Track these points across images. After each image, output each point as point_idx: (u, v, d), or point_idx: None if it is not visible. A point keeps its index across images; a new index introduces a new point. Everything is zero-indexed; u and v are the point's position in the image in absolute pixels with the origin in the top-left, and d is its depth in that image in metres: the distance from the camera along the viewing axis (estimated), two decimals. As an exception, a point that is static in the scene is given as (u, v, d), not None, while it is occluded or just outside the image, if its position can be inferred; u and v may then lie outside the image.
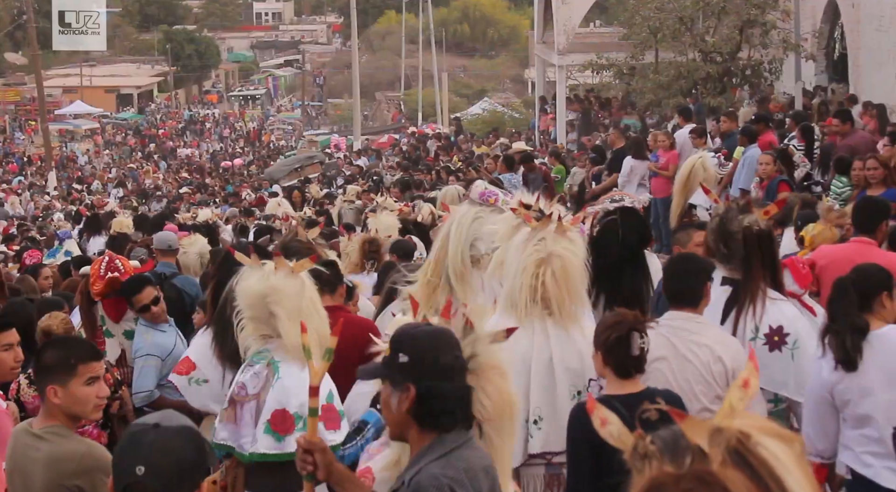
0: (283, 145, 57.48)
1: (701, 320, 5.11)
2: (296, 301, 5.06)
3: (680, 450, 1.56)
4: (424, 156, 31.17)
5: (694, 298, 5.09)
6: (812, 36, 21.21)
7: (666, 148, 15.27)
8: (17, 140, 58.51)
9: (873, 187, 10.18)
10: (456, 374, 3.19)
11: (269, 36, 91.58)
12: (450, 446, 3.16)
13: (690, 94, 20.91)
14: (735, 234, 5.44)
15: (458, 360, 3.21)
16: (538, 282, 5.07)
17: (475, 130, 38.40)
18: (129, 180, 42.54)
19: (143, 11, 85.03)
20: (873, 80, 18.78)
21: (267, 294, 5.03)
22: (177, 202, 31.28)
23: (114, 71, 72.82)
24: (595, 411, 1.86)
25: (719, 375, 4.99)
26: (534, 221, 5.28)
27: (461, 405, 3.19)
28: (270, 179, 36.54)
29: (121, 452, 2.95)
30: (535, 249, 5.13)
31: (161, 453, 2.86)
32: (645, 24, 22.31)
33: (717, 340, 5.08)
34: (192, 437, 2.97)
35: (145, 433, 2.92)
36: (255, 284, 5.08)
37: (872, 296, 5.21)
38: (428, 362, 3.17)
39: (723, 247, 5.50)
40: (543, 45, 30.49)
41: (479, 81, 69.92)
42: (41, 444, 3.91)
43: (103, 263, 7.10)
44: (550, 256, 5.10)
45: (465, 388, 3.21)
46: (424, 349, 3.19)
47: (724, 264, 5.52)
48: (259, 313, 5.09)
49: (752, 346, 5.36)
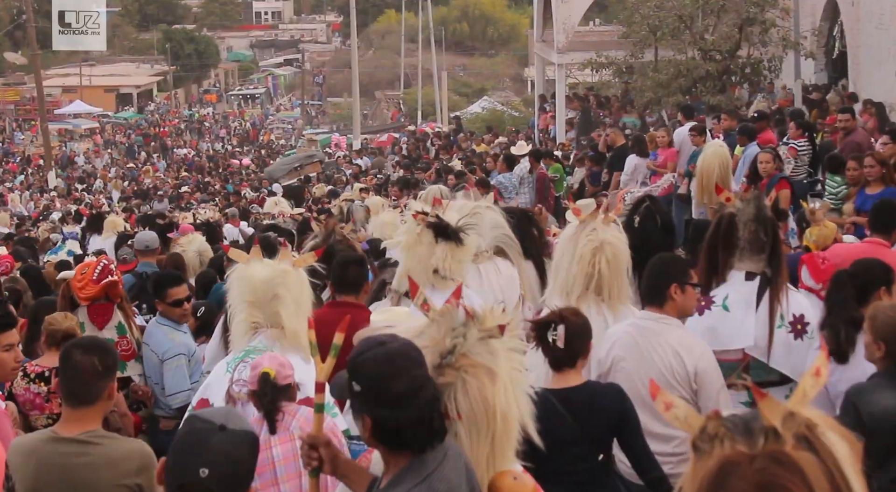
0: (282, 144, 57.49)
1: (669, 321, 5.13)
2: (302, 290, 5.16)
3: (754, 430, 1.58)
4: (424, 154, 31.18)
5: (659, 298, 5.12)
6: (811, 34, 21.21)
7: (665, 146, 15.29)
8: (17, 140, 58.49)
9: (871, 186, 10.20)
10: (411, 399, 3.00)
11: (269, 35, 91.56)
12: (431, 467, 3.03)
13: (690, 92, 20.89)
14: (770, 219, 5.47)
15: (415, 382, 3.02)
16: (595, 270, 5.48)
17: (475, 128, 38.40)
18: (129, 180, 42.54)
19: (142, 11, 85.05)
20: (873, 78, 18.78)
21: (275, 277, 5.10)
22: (177, 201, 31.30)
23: (113, 70, 72.80)
24: (658, 396, 1.84)
25: (680, 375, 5.03)
26: (582, 214, 5.70)
27: (421, 428, 3.02)
28: (270, 178, 36.56)
29: (185, 449, 2.89)
30: (589, 239, 5.54)
31: (226, 457, 2.84)
32: (644, 22, 22.28)
33: (680, 341, 5.10)
34: (254, 443, 2.97)
35: (212, 434, 2.87)
36: (262, 269, 5.15)
37: (870, 290, 5.25)
38: (379, 392, 3.01)
39: (763, 234, 5.49)
40: (543, 44, 30.49)
41: (479, 80, 69.92)
42: (88, 448, 3.87)
43: (98, 267, 6.88)
44: (603, 244, 5.53)
45: (424, 409, 3.01)
46: (375, 378, 3.01)
47: (756, 255, 5.52)
48: (261, 297, 5.12)
49: (778, 333, 5.42)
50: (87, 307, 6.84)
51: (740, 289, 5.54)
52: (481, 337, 3.29)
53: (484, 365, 3.24)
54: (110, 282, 6.81)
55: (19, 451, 3.98)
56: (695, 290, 5.23)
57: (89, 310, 6.84)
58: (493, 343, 3.32)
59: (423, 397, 3.03)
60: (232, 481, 2.87)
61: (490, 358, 3.26)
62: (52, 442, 3.92)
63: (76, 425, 3.93)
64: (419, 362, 3.11)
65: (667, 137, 15.39)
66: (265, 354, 4.82)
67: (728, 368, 5.57)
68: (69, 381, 3.94)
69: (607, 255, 5.54)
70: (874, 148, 11.98)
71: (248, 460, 2.93)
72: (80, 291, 6.82)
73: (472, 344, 3.26)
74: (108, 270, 6.85)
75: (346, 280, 6.11)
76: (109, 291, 6.82)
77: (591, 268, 5.50)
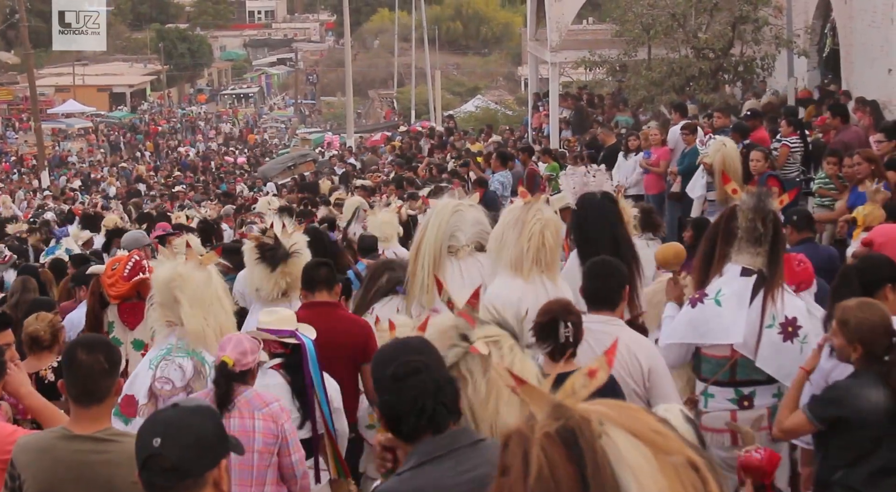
0: (275, 143, 57.42)
1: (618, 323, 5.24)
2: (205, 288, 5.44)
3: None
4: (418, 154, 31.17)
5: (612, 301, 5.24)
6: (804, 32, 21.22)
7: (657, 144, 15.31)
8: (9, 139, 58.35)
9: (863, 183, 10.24)
10: (403, 381, 3.13)
11: (262, 34, 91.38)
12: (420, 459, 3.11)
13: (683, 90, 20.91)
14: (771, 212, 5.51)
15: (408, 365, 3.14)
16: (543, 245, 5.96)
17: (469, 127, 38.39)
18: (122, 179, 42.49)
19: (135, 10, 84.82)
20: (865, 76, 18.81)
21: (172, 279, 5.41)
22: (171, 201, 31.25)
23: (106, 70, 72.61)
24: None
25: (636, 373, 5.12)
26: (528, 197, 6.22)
27: (420, 412, 3.11)
28: (264, 177, 36.54)
29: (141, 429, 2.99)
30: (537, 218, 6.02)
31: (178, 426, 2.90)
32: (637, 20, 22.30)
33: (633, 339, 5.21)
34: (209, 414, 3.03)
35: (163, 411, 3.02)
36: (162, 271, 5.48)
37: (876, 286, 5.29)
38: (378, 379, 3.23)
39: (760, 225, 5.52)
40: (536, 43, 30.50)
41: (472, 79, 69.85)
42: (106, 446, 3.88)
43: (129, 263, 6.46)
44: (548, 221, 6.05)
45: (417, 396, 3.11)
46: (376, 368, 3.25)
47: (753, 247, 5.55)
48: (165, 299, 5.42)
49: (768, 333, 5.47)
50: (118, 306, 6.49)
51: (734, 285, 5.56)
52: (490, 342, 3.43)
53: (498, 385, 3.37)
54: (142, 279, 6.37)
55: (30, 449, 3.99)
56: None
57: (119, 309, 6.50)
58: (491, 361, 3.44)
59: (413, 383, 3.11)
60: (190, 449, 2.88)
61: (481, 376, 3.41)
62: (68, 440, 3.93)
63: (89, 423, 3.94)
64: (419, 350, 3.21)
65: (659, 136, 15.41)
66: (232, 335, 5.12)
67: (716, 364, 5.64)
68: (78, 381, 3.94)
69: (551, 231, 6.07)
70: (869, 145, 12.01)
71: (208, 428, 2.95)
72: (109, 289, 6.45)
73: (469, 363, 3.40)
74: (139, 267, 6.44)
75: (317, 279, 6.32)
76: (141, 289, 6.39)
77: (540, 243, 5.97)
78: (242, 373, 4.97)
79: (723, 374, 5.60)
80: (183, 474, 2.87)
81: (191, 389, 5.24)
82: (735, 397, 5.62)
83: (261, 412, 4.95)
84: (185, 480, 2.88)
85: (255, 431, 4.92)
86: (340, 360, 5.88)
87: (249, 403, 4.95)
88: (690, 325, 5.62)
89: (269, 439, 4.96)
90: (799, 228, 8.54)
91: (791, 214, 8.90)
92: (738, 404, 5.63)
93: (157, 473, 2.87)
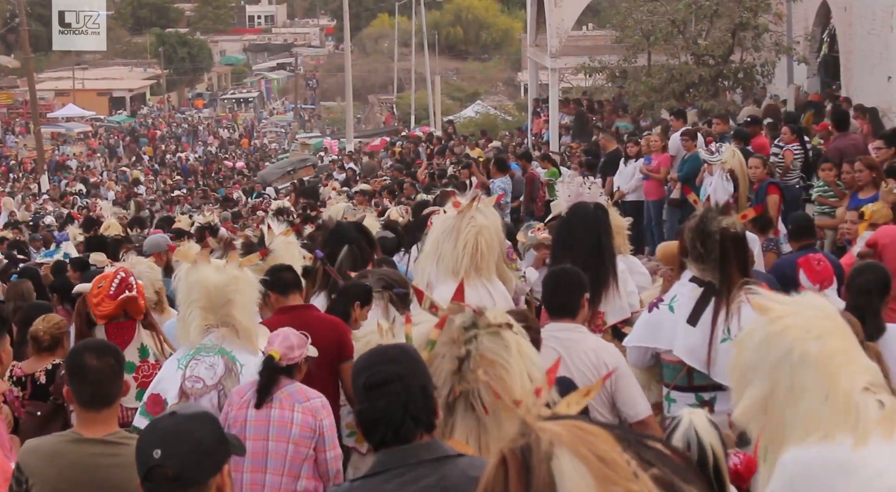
0: (275, 148, 57.42)
1: (581, 330, 5.36)
2: (252, 290, 5.70)
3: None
4: (417, 159, 31.15)
5: (573, 310, 5.34)
6: (804, 39, 21.25)
7: (658, 150, 15.31)
8: (9, 143, 58.35)
9: (863, 190, 10.25)
10: (374, 391, 3.13)
11: (262, 39, 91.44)
12: (375, 469, 3.13)
13: (683, 97, 20.93)
14: (713, 234, 5.48)
15: (378, 374, 3.14)
16: (478, 250, 6.43)
17: (468, 132, 38.40)
18: (121, 183, 42.48)
19: (135, 14, 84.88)
20: (864, 82, 18.83)
21: (228, 283, 5.54)
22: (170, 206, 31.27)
23: (106, 74, 72.67)
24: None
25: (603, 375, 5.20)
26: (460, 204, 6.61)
27: (386, 423, 3.10)
28: (263, 181, 36.58)
29: (139, 441, 2.98)
30: (471, 225, 6.48)
31: (177, 435, 2.89)
32: (637, 27, 22.32)
33: (598, 346, 5.34)
34: (207, 420, 3.01)
35: (161, 420, 2.99)
36: (215, 275, 5.56)
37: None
38: (354, 388, 3.25)
39: (699, 246, 5.53)
40: (536, 48, 30.52)
41: (472, 84, 69.91)
42: (118, 449, 3.88)
43: (115, 280, 6.07)
44: (482, 228, 6.50)
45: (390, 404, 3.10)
46: (354, 376, 3.25)
47: (697, 264, 5.57)
48: (215, 302, 5.51)
49: (722, 346, 5.42)
50: (105, 326, 6.11)
51: (686, 292, 5.61)
52: (491, 332, 3.44)
53: (500, 362, 3.45)
54: (128, 297, 6.03)
55: (39, 453, 3.99)
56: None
57: (107, 329, 6.11)
58: (505, 335, 3.52)
59: (387, 392, 3.11)
60: (191, 457, 2.87)
61: (504, 352, 3.46)
62: (78, 443, 3.94)
63: (98, 427, 3.95)
64: (393, 358, 3.19)
65: (659, 142, 15.40)
66: (280, 330, 5.30)
67: (673, 369, 5.68)
68: (90, 386, 3.94)
69: (486, 237, 6.49)
70: (868, 152, 12.01)
71: (207, 434, 2.93)
72: (95, 308, 6.06)
73: (485, 344, 3.40)
74: (125, 284, 6.06)
75: (284, 282, 6.39)
76: (128, 308, 6.08)
77: (475, 249, 6.43)
78: (289, 367, 5.20)
79: (680, 379, 5.64)
80: (187, 484, 2.87)
81: (222, 386, 5.32)
82: (695, 402, 5.65)
83: (301, 405, 5.12)
84: (189, 488, 2.87)
85: (293, 423, 5.09)
86: (318, 360, 5.94)
87: (291, 396, 5.14)
88: (647, 328, 5.69)
89: (305, 431, 5.10)
90: (797, 238, 8.57)
91: (789, 222, 8.92)
92: (700, 406, 5.65)
93: (161, 484, 2.86)
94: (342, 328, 6.17)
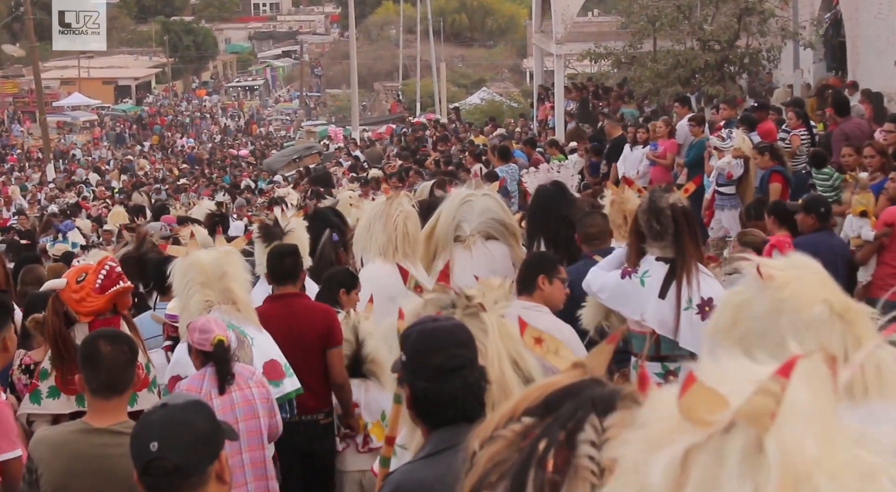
0: (281, 136, 57.41)
1: (540, 308, 5.64)
2: (243, 267, 6.06)
3: None
4: (422, 147, 31.12)
5: (528, 287, 5.74)
6: (811, 24, 21.17)
7: (664, 136, 15.27)
8: (15, 132, 58.41)
9: (870, 175, 10.21)
10: (448, 375, 3.09)
11: (267, 27, 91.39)
12: (440, 446, 3.08)
13: (689, 82, 20.86)
14: (664, 209, 5.79)
15: (455, 359, 3.10)
16: (406, 233, 7.11)
17: (474, 119, 38.34)
18: (128, 172, 42.53)
19: (140, 3, 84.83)
20: (871, 68, 18.77)
21: (220, 257, 5.94)
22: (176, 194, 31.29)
23: (111, 62, 72.62)
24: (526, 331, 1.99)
25: None
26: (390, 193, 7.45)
27: (455, 405, 3.09)
28: (269, 169, 36.58)
29: (134, 434, 2.98)
30: (400, 211, 7.19)
31: (172, 426, 2.89)
32: (643, 12, 22.23)
33: (552, 324, 5.50)
34: (200, 409, 3.01)
35: (152, 413, 2.98)
36: (207, 254, 6.00)
37: None
38: (419, 364, 3.14)
39: (655, 223, 5.83)
40: (541, 35, 30.44)
41: (478, 71, 69.78)
42: (125, 439, 3.84)
43: (101, 272, 5.44)
44: (409, 214, 7.25)
45: (462, 388, 3.09)
46: (418, 350, 3.16)
47: (657, 242, 5.87)
48: (211, 277, 5.84)
49: (685, 314, 5.79)
50: (90, 324, 5.39)
51: (655, 271, 5.91)
52: (469, 314, 3.47)
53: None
54: (120, 290, 5.49)
55: (48, 443, 4.01)
56: (563, 283, 5.79)
57: (92, 327, 5.32)
58: (483, 317, 3.57)
59: (460, 376, 3.12)
60: (188, 447, 2.87)
61: (480, 334, 3.46)
62: (87, 433, 3.96)
63: (107, 415, 3.97)
64: (464, 343, 3.20)
65: (665, 128, 15.36)
66: (201, 317, 5.42)
67: (642, 339, 5.97)
68: (104, 373, 3.95)
69: (412, 222, 7.20)
70: (873, 137, 11.96)
71: (202, 422, 2.93)
72: (78, 305, 5.41)
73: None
74: (114, 276, 5.47)
75: (283, 270, 6.45)
76: (118, 302, 5.52)
77: (403, 232, 7.12)
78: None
79: (649, 348, 5.87)
80: (186, 474, 2.86)
81: (237, 357, 5.37)
82: (661, 371, 5.86)
83: (251, 381, 5.28)
84: (190, 478, 2.87)
85: (255, 399, 5.25)
86: (306, 347, 6.15)
87: (241, 375, 5.28)
88: (616, 290, 5.97)
89: (265, 403, 5.30)
90: (821, 219, 8.63)
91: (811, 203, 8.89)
92: (664, 378, 5.81)
93: (161, 477, 2.86)
94: (331, 315, 6.32)
